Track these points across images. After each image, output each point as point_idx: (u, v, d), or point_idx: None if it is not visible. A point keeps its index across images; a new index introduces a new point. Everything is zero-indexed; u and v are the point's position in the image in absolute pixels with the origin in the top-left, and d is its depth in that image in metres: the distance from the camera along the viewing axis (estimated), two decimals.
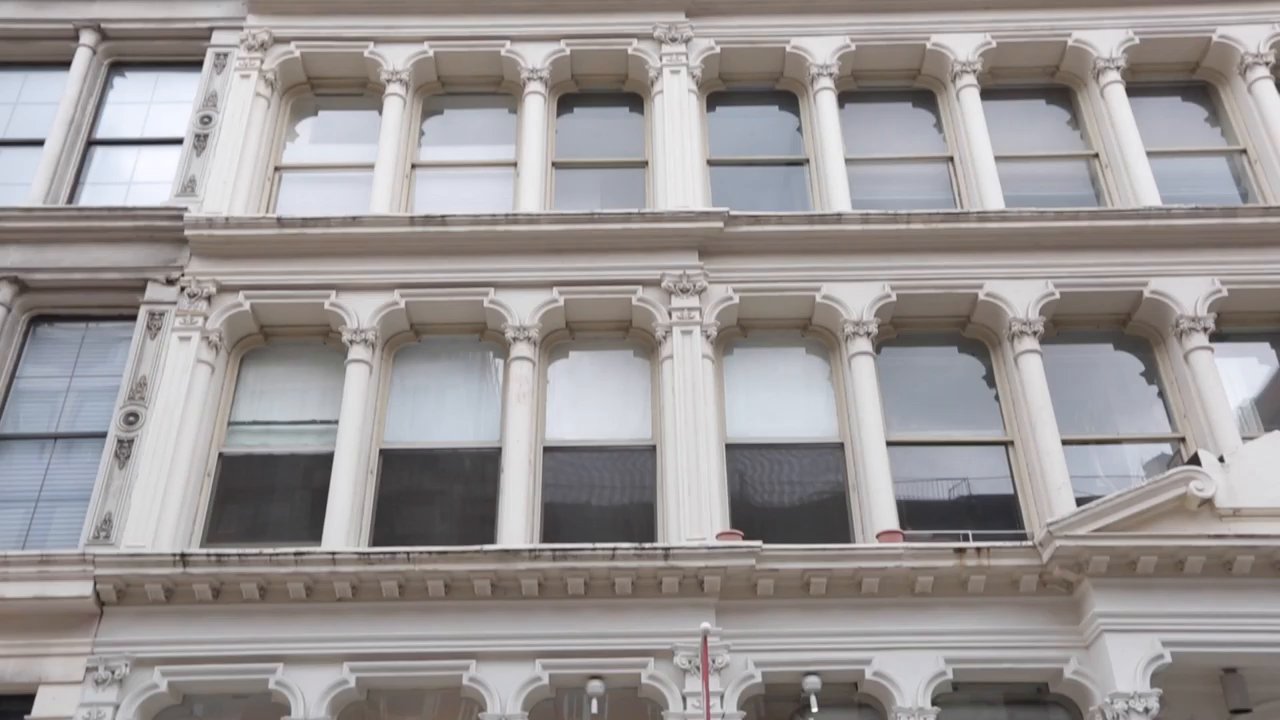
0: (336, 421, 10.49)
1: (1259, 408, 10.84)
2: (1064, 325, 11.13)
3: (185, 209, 11.19)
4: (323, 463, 10.38)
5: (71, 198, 11.88)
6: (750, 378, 11.10)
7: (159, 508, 9.78)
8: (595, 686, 9.19)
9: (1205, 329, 10.65)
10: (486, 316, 11.11)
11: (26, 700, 8.95)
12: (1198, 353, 10.56)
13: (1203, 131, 12.67)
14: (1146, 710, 8.58)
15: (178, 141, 12.16)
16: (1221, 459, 9.42)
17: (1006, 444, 10.59)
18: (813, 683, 9.18)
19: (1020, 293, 10.90)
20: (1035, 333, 10.72)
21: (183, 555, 9.32)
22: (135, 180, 12.14)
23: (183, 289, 10.92)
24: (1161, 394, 10.90)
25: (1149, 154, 11.83)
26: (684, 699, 9.04)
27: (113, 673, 9.06)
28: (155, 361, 10.50)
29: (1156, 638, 8.79)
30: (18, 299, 10.98)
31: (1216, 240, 11.06)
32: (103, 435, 10.24)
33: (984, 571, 9.30)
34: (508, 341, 10.92)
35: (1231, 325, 10.97)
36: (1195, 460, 9.45)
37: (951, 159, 12.31)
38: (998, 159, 11.87)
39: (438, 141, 12.82)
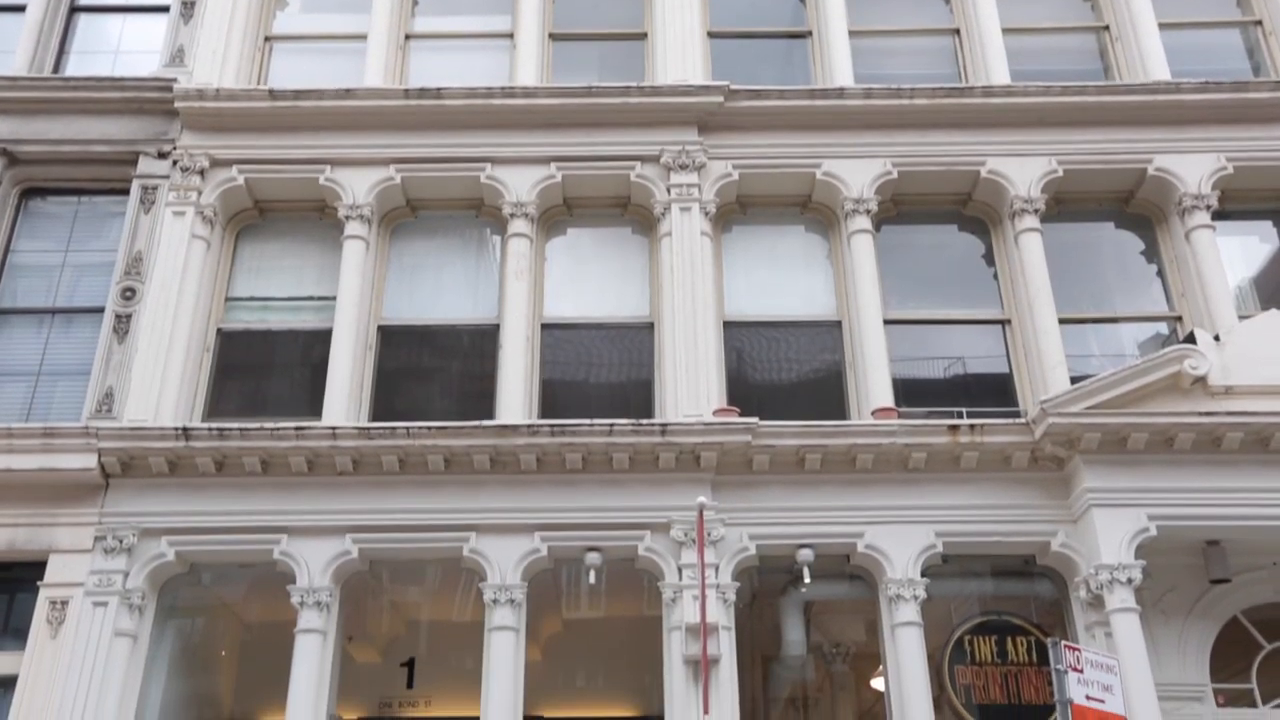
0: (334, 298, 10.49)
1: (1257, 287, 10.83)
2: (1066, 203, 11.04)
3: (174, 80, 10.96)
4: (321, 339, 10.42)
5: (57, 67, 11.63)
6: (749, 255, 11.05)
7: (159, 382, 9.86)
8: (593, 558, 9.42)
9: (1208, 207, 10.57)
10: (483, 192, 11.00)
11: (38, 567, 9.19)
12: (1199, 231, 10.50)
13: (1217, 2, 12.32)
14: (1130, 581, 8.82)
15: (164, 9, 11.84)
16: (1217, 337, 9.47)
17: (1004, 323, 10.62)
18: (806, 555, 9.40)
19: (1023, 170, 10.77)
20: (1036, 211, 10.63)
21: (185, 429, 9.44)
22: (122, 49, 11.86)
23: (175, 163, 10.78)
24: (1160, 273, 10.88)
25: (1161, 26, 11.55)
26: (679, 570, 9.26)
27: (120, 542, 9.28)
28: (150, 236, 10.44)
29: (1143, 512, 8.97)
30: (8, 171, 10.83)
31: (1225, 116, 10.88)
32: (100, 310, 10.25)
33: (976, 448, 9.44)
34: (505, 218, 10.83)
35: (1234, 203, 10.87)
36: (1191, 339, 9.49)
37: (957, 31, 12.01)
38: (1005, 31, 11.59)
39: (432, 11, 12.47)
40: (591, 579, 9.42)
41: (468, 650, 9.49)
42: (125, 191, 10.78)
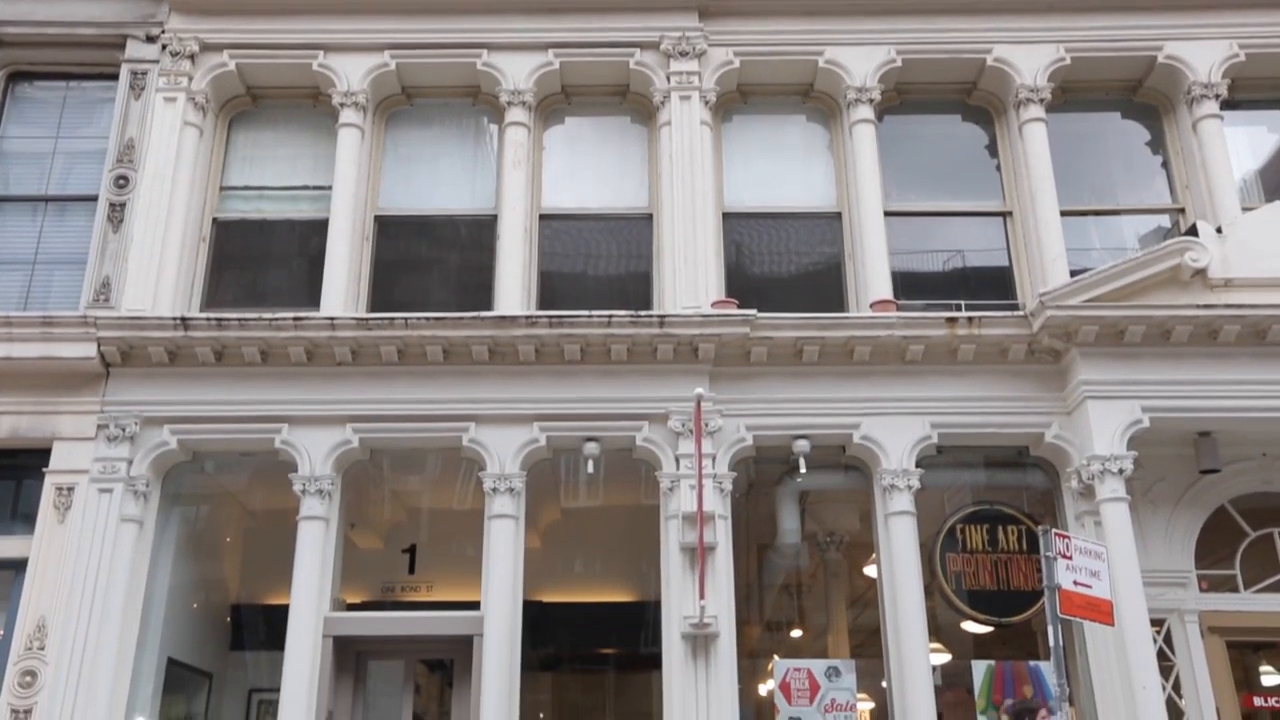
0: (330, 187, 10.39)
1: (1263, 178, 10.71)
2: (1072, 92, 10.85)
3: None
4: (318, 229, 10.34)
5: None
6: (749, 146, 10.90)
7: (156, 272, 9.83)
8: (591, 448, 9.52)
9: (1217, 96, 10.39)
10: (480, 79, 10.79)
11: (43, 454, 9.29)
12: (1207, 121, 10.34)
13: None
14: (1121, 471, 8.94)
15: None
16: (1219, 230, 9.41)
17: (1005, 215, 10.54)
18: (802, 446, 9.51)
19: (1029, 57, 10.55)
20: (1042, 100, 10.46)
21: (183, 319, 9.44)
22: None
23: (164, 47, 10.54)
24: (1165, 164, 10.76)
25: None
26: (677, 460, 9.38)
27: (123, 430, 9.36)
28: (141, 123, 10.27)
29: (1137, 404, 9.04)
30: None
31: (1239, 0, 10.62)
32: (94, 199, 10.15)
33: (974, 341, 9.46)
34: (502, 106, 10.66)
35: (1244, 92, 10.69)
36: (1193, 231, 9.43)
37: None
38: None
39: None
40: (590, 469, 9.54)
41: (468, 538, 9.66)
42: (114, 76, 10.58)
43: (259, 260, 10.63)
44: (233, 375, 9.56)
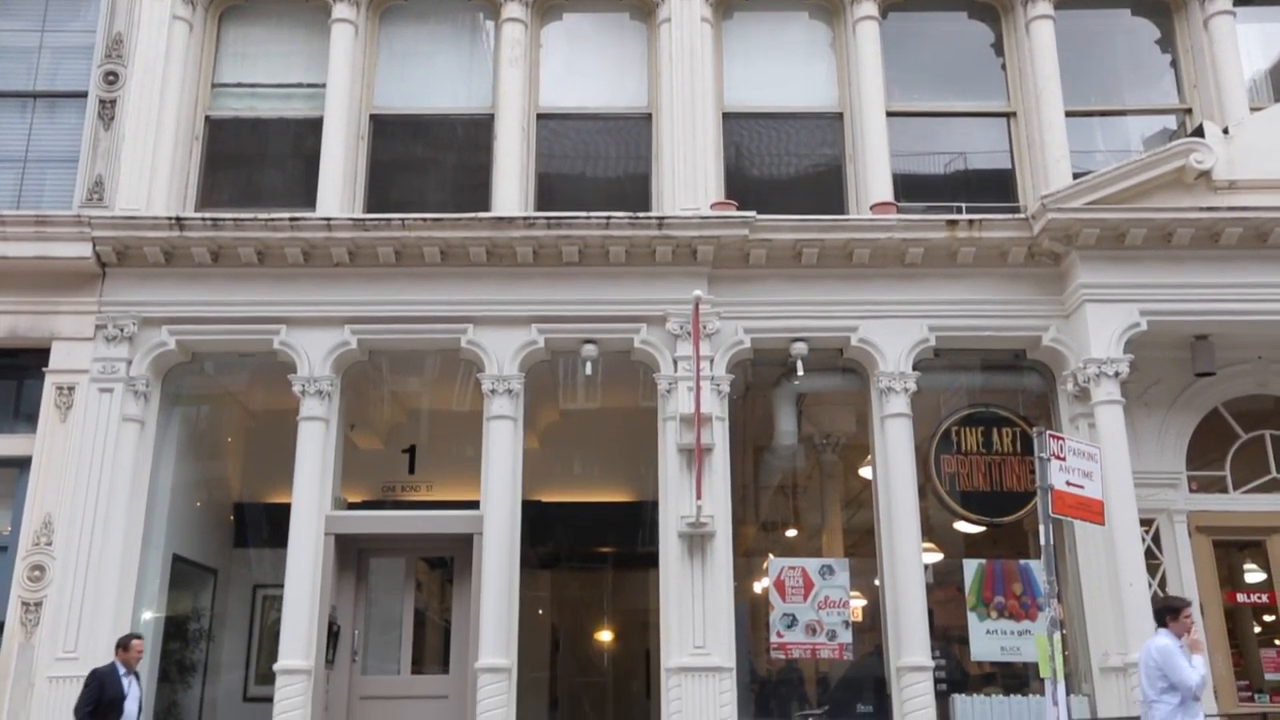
0: (324, 85, 10.21)
1: (1273, 78, 10.53)
2: None
3: None
4: (312, 128, 10.20)
5: None
6: (750, 44, 10.68)
7: (149, 171, 9.71)
8: (589, 350, 9.54)
9: None
10: None
11: (42, 354, 9.32)
12: (1219, 18, 10.13)
13: None
14: (1117, 374, 8.99)
15: None
16: (1226, 131, 9.29)
17: (1009, 115, 10.39)
18: (800, 348, 9.53)
19: None
20: None
21: (178, 219, 9.36)
22: None
23: None
24: (1174, 64, 10.56)
25: None
26: (675, 362, 9.40)
27: (121, 330, 9.36)
28: (129, 17, 10.04)
29: (1135, 307, 9.05)
30: None
31: None
32: (84, 95, 9.97)
33: (974, 243, 9.41)
34: (499, 2, 10.42)
35: None
36: (1199, 132, 9.32)
37: None
38: None
39: None
40: (588, 370, 9.58)
41: (467, 439, 9.74)
42: None
43: (253, 160, 10.50)
44: (230, 276, 9.52)
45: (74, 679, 8.54)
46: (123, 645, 7.90)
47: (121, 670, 7.72)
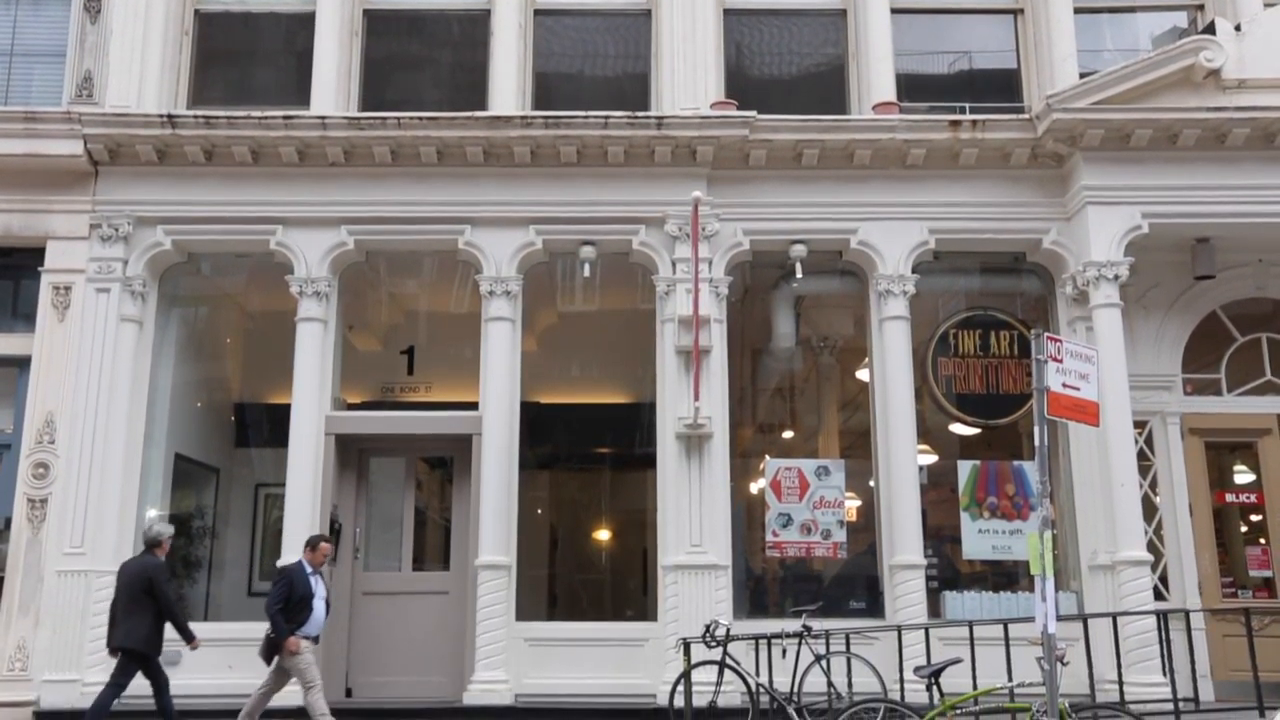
0: None
1: None
2: None
3: None
4: (304, 23, 9.98)
5: None
6: None
7: (139, 67, 9.53)
8: (587, 251, 9.50)
9: None
10: None
11: (38, 254, 9.28)
12: None
13: None
14: (1116, 277, 8.97)
15: None
16: (1238, 28, 9.10)
17: (1015, 12, 10.17)
18: (799, 250, 9.49)
19: None
20: None
21: (170, 116, 9.22)
22: None
23: None
24: None
25: None
26: (673, 264, 9.37)
27: (116, 230, 9.30)
28: None
29: (1137, 209, 8.99)
30: None
31: None
32: None
33: (976, 145, 9.30)
34: None
35: None
36: (1210, 29, 9.13)
37: None
38: None
39: None
40: (586, 272, 9.56)
41: (466, 340, 9.75)
42: None
43: (245, 56, 10.30)
44: (224, 175, 9.42)
45: (82, 573, 8.73)
46: (311, 545, 7.82)
47: (309, 569, 7.67)
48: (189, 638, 7.70)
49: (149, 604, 7.54)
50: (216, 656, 8.80)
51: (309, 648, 7.57)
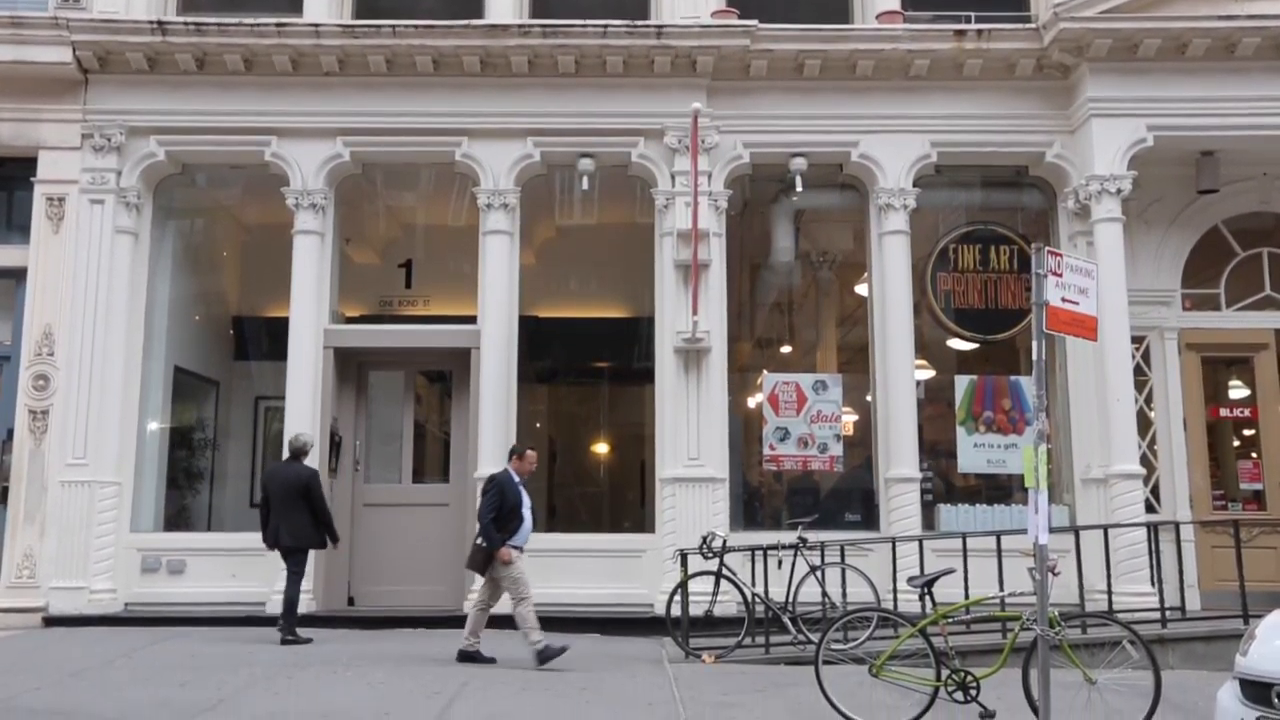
0: None
1: None
2: None
3: None
4: None
5: None
6: None
7: None
8: (585, 164, 9.41)
9: None
10: None
11: (29, 164, 9.17)
12: None
13: None
14: (1119, 191, 8.91)
15: None
16: None
17: None
18: (799, 164, 9.40)
19: None
20: None
21: (160, 23, 9.06)
22: None
23: None
24: None
25: None
26: (672, 177, 9.29)
27: (109, 140, 9.18)
28: None
29: (1143, 122, 8.89)
30: None
31: None
32: None
33: (981, 55, 9.16)
34: None
35: None
36: None
37: None
38: None
39: None
40: (584, 185, 9.48)
41: (464, 254, 9.71)
42: None
43: None
44: (217, 85, 9.28)
45: (85, 484, 8.82)
46: (518, 454, 7.67)
47: (516, 478, 7.51)
48: (335, 538, 8.26)
49: (304, 505, 8.09)
50: (220, 565, 8.98)
51: (520, 558, 7.36)
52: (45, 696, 6.01)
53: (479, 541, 7.30)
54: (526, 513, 7.44)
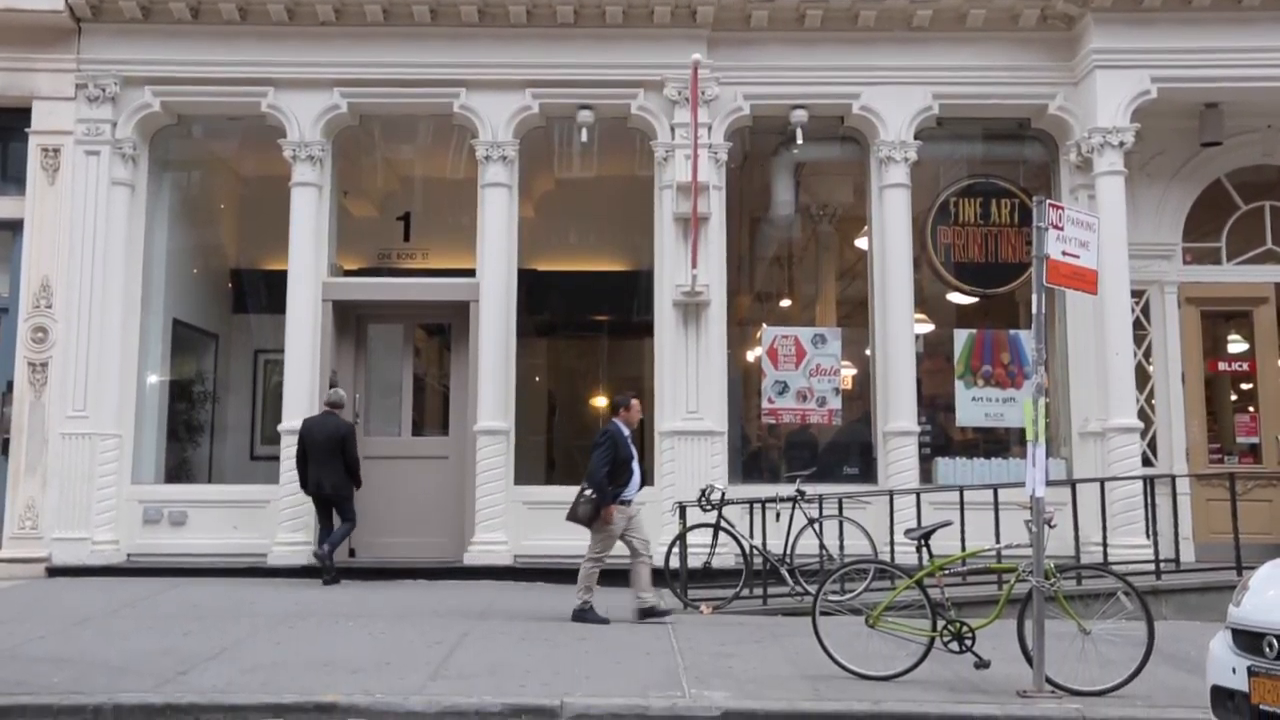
0: None
1: None
2: None
3: None
4: None
5: None
6: None
7: None
8: (585, 116, 9.33)
9: None
10: None
11: (24, 114, 9.10)
12: None
13: None
14: (1121, 144, 8.85)
15: None
16: None
17: None
18: (799, 116, 9.32)
19: None
20: None
21: None
22: None
23: None
24: None
25: None
26: (672, 129, 9.22)
27: (103, 90, 9.10)
28: None
29: (1147, 73, 8.80)
30: None
31: None
32: None
33: (984, 5, 9.07)
34: None
35: None
36: None
37: None
38: None
39: None
40: (583, 138, 9.41)
41: (462, 207, 9.66)
42: None
43: None
44: (212, 34, 9.19)
45: (86, 436, 8.84)
46: (624, 405, 7.52)
47: (626, 431, 7.38)
48: (359, 485, 8.69)
49: (340, 457, 8.51)
50: (221, 517, 9.04)
51: (622, 514, 7.25)
52: (50, 644, 6.08)
53: (588, 494, 7.19)
54: (635, 466, 7.39)
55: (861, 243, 9.85)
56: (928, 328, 9.83)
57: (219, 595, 7.75)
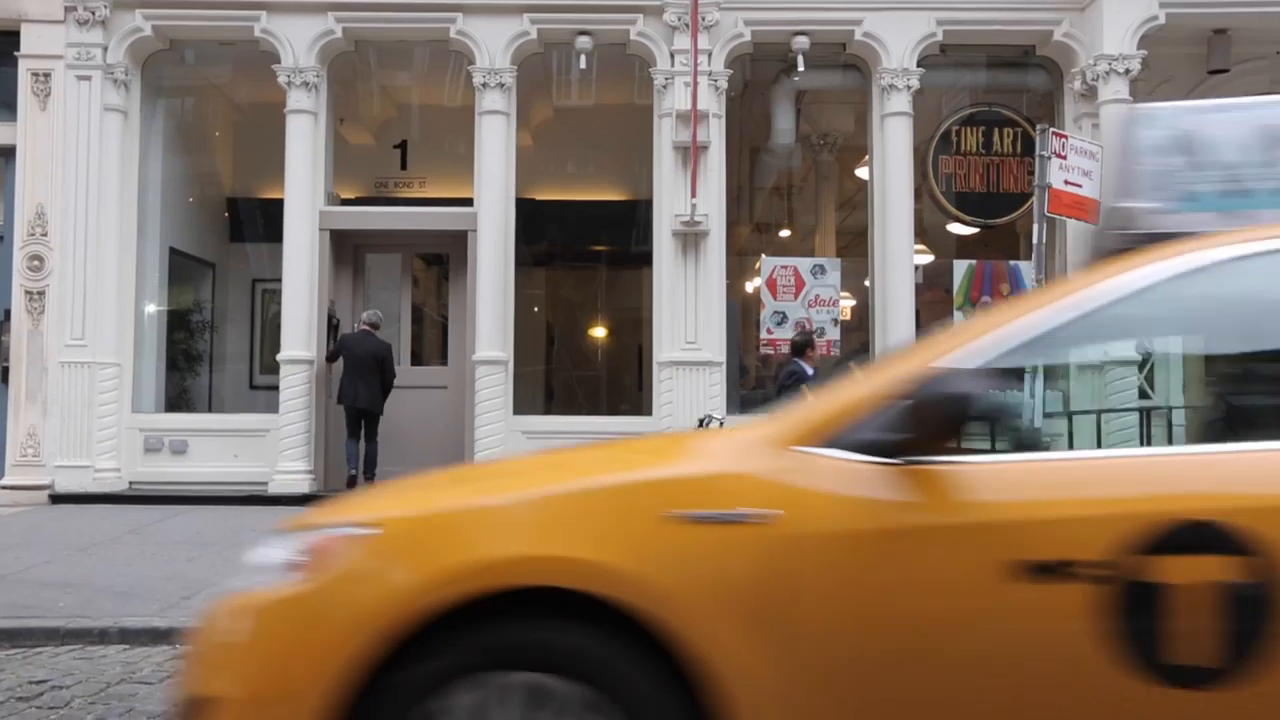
0: None
1: None
2: None
3: None
4: None
5: None
6: None
7: None
8: (583, 42, 9.19)
9: None
10: None
11: (12, 38, 8.93)
12: None
13: None
14: (1127, 71, 8.72)
15: None
16: None
17: None
18: (801, 42, 9.18)
19: None
20: None
21: None
22: None
23: None
24: None
25: None
26: (672, 56, 9.08)
27: (93, 13, 8.94)
28: None
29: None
30: None
31: None
32: None
33: None
34: None
35: None
36: None
37: None
38: None
39: None
40: (582, 65, 9.27)
41: (460, 135, 9.56)
42: None
43: None
44: None
45: (85, 365, 8.85)
46: (810, 346, 7.39)
47: (809, 371, 7.33)
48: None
49: (379, 375, 8.88)
50: (222, 446, 9.08)
51: None
52: (55, 570, 6.16)
53: None
54: None
55: (862, 172, 9.77)
56: (928, 258, 9.79)
57: (221, 523, 7.82)
